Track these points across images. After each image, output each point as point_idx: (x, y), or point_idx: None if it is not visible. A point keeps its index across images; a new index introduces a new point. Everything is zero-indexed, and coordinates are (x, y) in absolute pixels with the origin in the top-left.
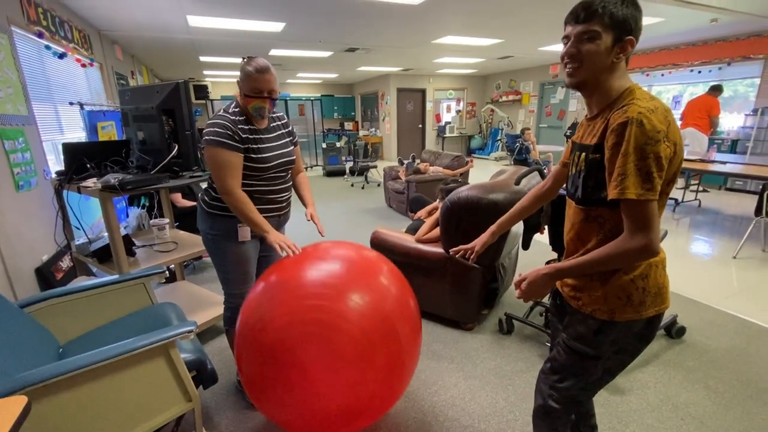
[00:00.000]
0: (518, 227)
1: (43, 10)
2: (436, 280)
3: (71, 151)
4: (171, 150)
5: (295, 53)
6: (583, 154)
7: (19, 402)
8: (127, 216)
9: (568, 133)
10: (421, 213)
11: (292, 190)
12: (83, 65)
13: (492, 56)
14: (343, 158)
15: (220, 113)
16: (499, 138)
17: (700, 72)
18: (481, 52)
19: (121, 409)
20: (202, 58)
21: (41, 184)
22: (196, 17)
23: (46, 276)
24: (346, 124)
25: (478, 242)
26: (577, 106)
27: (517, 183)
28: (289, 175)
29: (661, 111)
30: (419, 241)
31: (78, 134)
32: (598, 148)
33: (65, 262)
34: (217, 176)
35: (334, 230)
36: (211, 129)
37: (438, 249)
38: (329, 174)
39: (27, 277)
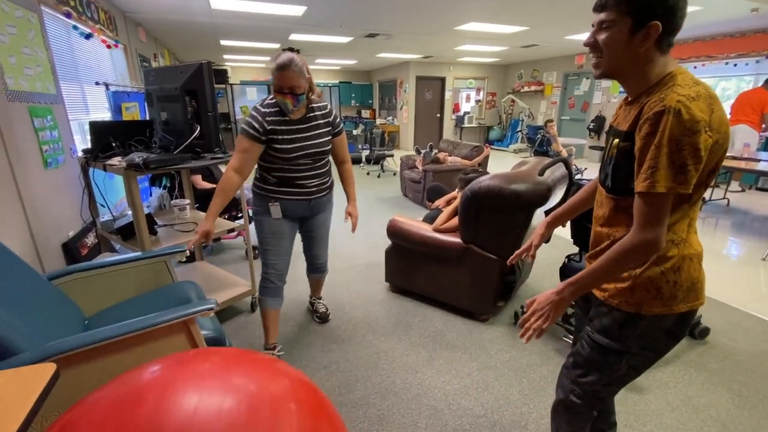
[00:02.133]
0: (538, 218)
1: None
2: (453, 270)
3: (97, 129)
4: (193, 131)
5: (314, 38)
6: (616, 140)
7: (48, 369)
8: (150, 196)
9: (591, 126)
10: (440, 202)
11: (330, 177)
12: (108, 46)
13: (516, 44)
14: (360, 146)
15: (257, 105)
16: (519, 129)
17: (735, 65)
18: (504, 39)
19: None
20: (223, 42)
21: (68, 162)
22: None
23: (72, 251)
24: (363, 111)
25: (536, 237)
26: (602, 98)
27: (541, 174)
28: (322, 163)
29: (705, 98)
30: (437, 230)
31: (103, 114)
32: (629, 136)
33: (90, 239)
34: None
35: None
36: (245, 119)
37: (456, 239)
38: None
39: (54, 252)
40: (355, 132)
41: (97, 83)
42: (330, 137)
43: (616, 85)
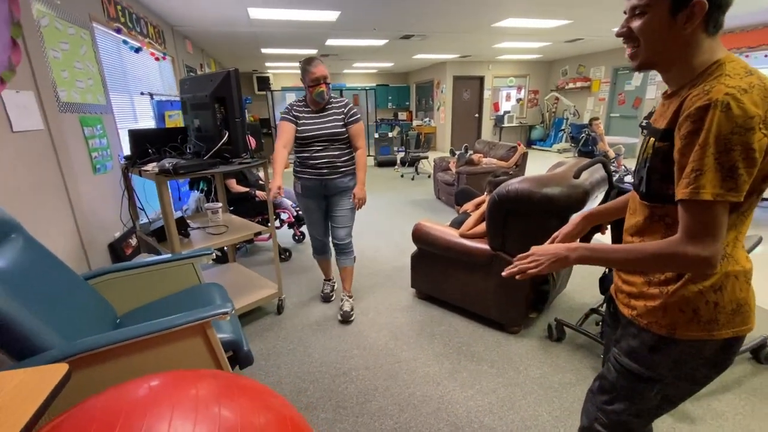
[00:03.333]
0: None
1: (122, 7)
2: (481, 278)
3: (136, 137)
4: (222, 137)
5: (350, 42)
6: (652, 139)
7: (60, 370)
8: (189, 199)
9: (644, 123)
10: (468, 206)
11: (344, 164)
12: (157, 59)
13: (559, 39)
14: (395, 148)
15: (290, 102)
16: (563, 128)
17: None
18: (546, 35)
19: None
20: (264, 50)
21: (116, 167)
22: (256, 9)
23: (117, 251)
24: (400, 113)
25: (563, 233)
26: (656, 93)
27: (577, 176)
28: (333, 147)
29: (759, 90)
30: (463, 235)
31: (149, 122)
32: (667, 135)
33: (134, 240)
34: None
35: (378, 222)
36: (282, 113)
37: (483, 245)
38: (380, 164)
39: (100, 251)
40: (390, 134)
41: (141, 93)
42: (343, 125)
43: None
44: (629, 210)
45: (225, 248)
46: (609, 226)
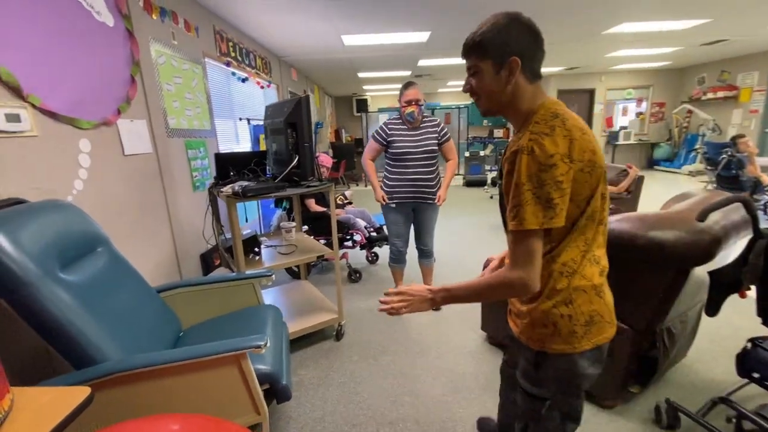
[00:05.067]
0: (705, 274)
1: (233, 44)
2: None
3: (220, 160)
4: (292, 160)
5: (442, 62)
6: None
7: (82, 392)
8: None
9: None
10: None
11: (435, 183)
12: (262, 87)
13: (694, 42)
14: (487, 168)
15: (386, 121)
16: (696, 147)
17: None
18: (676, 38)
19: (191, 407)
20: (360, 74)
21: None
22: (349, 36)
23: (207, 262)
24: (496, 131)
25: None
26: None
27: (702, 218)
28: (426, 163)
29: (560, 130)
30: None
31: (247, 145)
32: (501, 174)
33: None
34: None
35: (456, 246)
36: (376, 129)
37: None
38: (469, 184)
39: (193, 261)
40: (482, 153)
41: (240, 119)
42: (437, 142)
43: None
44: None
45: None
46: (754, 287)
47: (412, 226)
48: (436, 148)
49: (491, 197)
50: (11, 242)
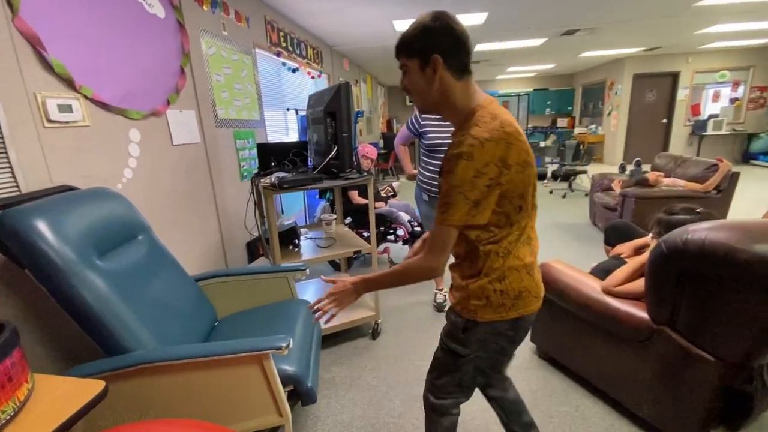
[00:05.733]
0: None
1: (285, 34)
2: (631, 357)
3: (262, 150)
4: (331, 151)
5: (502, 46)
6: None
7: (96, 386)
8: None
9: None
10: (623, 249)
11: None
12: (312, 77)
13: None
14: (551, 159)
15: None
16: None
17: None
18: None
19: (213, 403)
20: None
21: None
22: (401, 21)
23: (252, 251)
24: (560, 120)
25: None
26: None
27: None
28: None
29: (499, 134)
30: (608, 291)
31: (296, 136)
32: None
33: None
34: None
35: None
36: (408, 118)
37: (639, 312)
38: None
39: (238, 250)
40: (542, 144)
41: (287, 109)
42: None
43: None
44: None
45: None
46: None
47: None
48: None
49: (551, 192)
50: (51, 229)
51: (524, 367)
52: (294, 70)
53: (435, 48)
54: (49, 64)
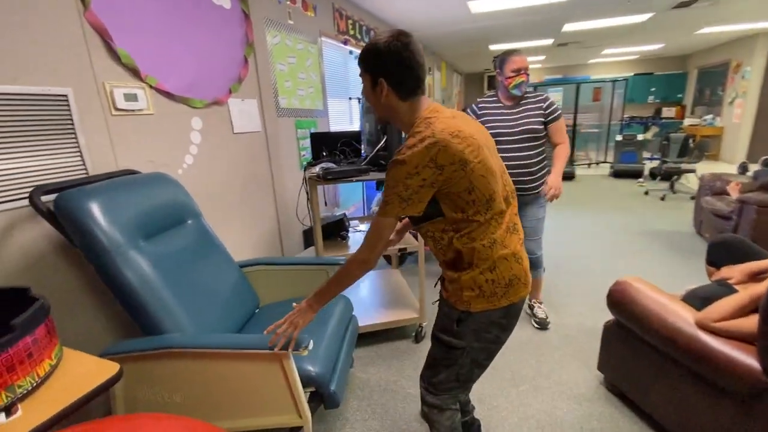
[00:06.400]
0: None
1: (353, 21)
2: (729, 413)
3: (315, 140)
4: (380, 141)
5: (596, 24)
6: None
7: (111, 368)
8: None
9: None
10: (733, 273)
11: (540, 171)
12: None
13: None
14: (647, 155)
15: (478, 99)
16: None
17: None
18: None
19: (237, 394)
20: (492, 47)
21: None
22: (477, 2)
23: (308, 239)
24: (665, 110)
25: None
26: None
27: None
28: (528, 146)
29: (429, 140)
30: (704, 326)
31: (359, 125)
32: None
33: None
34: None
35: (588, 251)
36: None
37: (746, 358)
38: (617, 174)
39: (295, 237)
40: (641, 137)
41: (350, 98)
42: (542, 121)
43: None
44: None
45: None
46: None
47: None
48: (541, 127)
49: (646, 193)
50: (101, 211)
51: (587, 399)
52: None
53: (381, 71)
54: (116, 55)
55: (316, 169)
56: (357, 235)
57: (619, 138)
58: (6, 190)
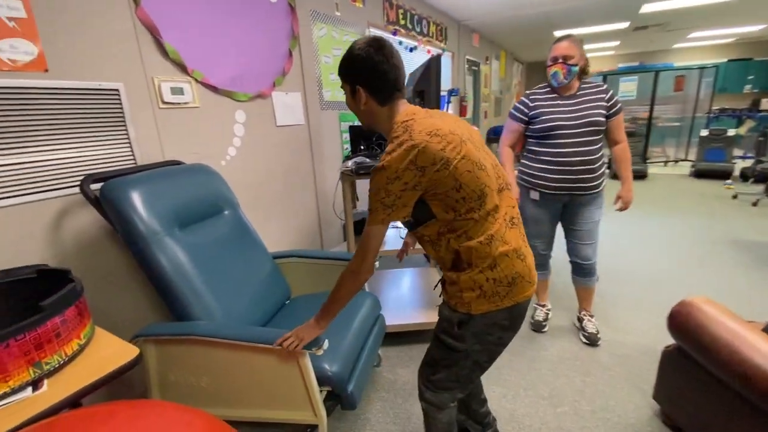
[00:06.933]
0: None
1: (404, 11)
2: None
3: (353, 132)
4: None
5: (680, 4)
6: None
7: (131, 353)
8: None
9: None
10: None
11: (600, 168)
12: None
13: None
14: (738, 153)
15: (527, 91)
16: None
17: None
18: None
19: (252, 383)
20: (557, 33)
21: None
22: None
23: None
24: (765, 101)
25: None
26: None
27: None
28: (586, 141)
29: (407, 144)
30: None
31: None
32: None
33: None
34: None
35: (652, 260)
36: (515, 104)
37: None
38: (700, 174)
39: (335, 230)
40: (733, 132)
41: None
42: (604, 113)
43: None
44: None
45: None
46: None
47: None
48: (603, 120)
49: (735, 196)
50: (140, 199)
51: (636, 431)
52: (411, 49)
53: (358, 79)
54: (164, 50)
55: (350, 163)
56: (392, 231)
57: (704, 133)
58: (62, 178)
